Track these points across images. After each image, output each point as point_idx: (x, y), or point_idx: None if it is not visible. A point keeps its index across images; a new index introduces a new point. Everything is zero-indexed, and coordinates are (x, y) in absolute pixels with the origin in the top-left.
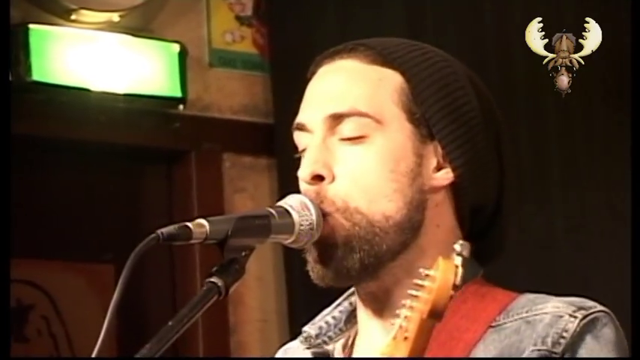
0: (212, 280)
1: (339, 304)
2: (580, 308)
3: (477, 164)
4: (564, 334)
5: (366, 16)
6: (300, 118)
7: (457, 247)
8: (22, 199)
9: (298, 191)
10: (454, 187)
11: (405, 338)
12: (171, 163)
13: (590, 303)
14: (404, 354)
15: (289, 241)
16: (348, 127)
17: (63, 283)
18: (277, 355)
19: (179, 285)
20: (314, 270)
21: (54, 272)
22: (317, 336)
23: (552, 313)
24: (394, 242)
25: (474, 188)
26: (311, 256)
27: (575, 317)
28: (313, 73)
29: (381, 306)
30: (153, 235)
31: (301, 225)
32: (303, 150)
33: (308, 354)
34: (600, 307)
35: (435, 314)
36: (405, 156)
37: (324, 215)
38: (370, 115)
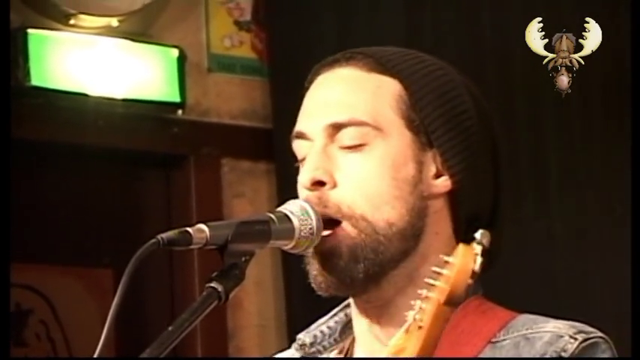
0: (212, 285)
1: (334, 315)
2: (581, 331)
3: (474, 172)
4: (563, 354)
5: (365, 21)
6: (300, 127)
7: (478, 235)
8: (20, 204)
9: (297, 196)
10: (452, 195)
11: (420, 327)
12: (169, 168)
13: (590, 328)
14: (418, 343)
15: (289, 246)
16: (347, 136)
17: (62, 288)
18: None
19: (178, 290)
20: (316, 280)
21: (53, 277)
22: (311, 344)
23: (553, 332)
24: (397, 250)
25: (471, 196)
26: (313, 267)
27: (576, 339)
28: (311, 82)
29: (382, 315)
30: (153, 240)
31: (301, 230)
32: (303, 159)
33: None
34: (600, 334)
35: (453, 300)
36: (405, 163)
37: (330, 223)
38: (369, 123)
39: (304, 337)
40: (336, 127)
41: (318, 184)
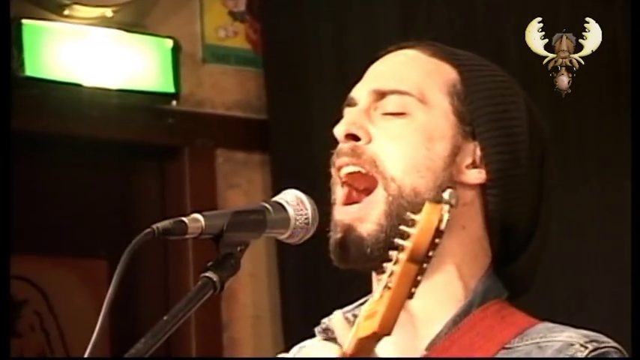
0: (207, 274)
1: (361, 304)
2: (593, 340)
3: (512, 175)
4: None
5: (360, 11)
6: (351, 94)
7: (445, 195)
8: (14, 195)
9: (291, 187)
10: (485, 192)
11: (388, 288)
12: (164, 159)
13: (604, 338)
14: (385, 304)
15: (284, 236)
16: (390, 103)
17: (56, 279)
18: (292, 351)
19: (172, 280)
20: (335, 252)
21: (47, 268)
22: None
23: (564, 340)
24: None
25: (506, 200)
26: (334, 236)
27: (586, 347)
28: (377, 59)
29: None
30: (148, 230)
31: (297, 220)
32: None
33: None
34: (613, 344)
35: (416, 257)
36: (442, 140)
37: (365, 188)
38: (413, 94)
39: (328, 321)
40: (380, 94)
41: (352, 137)
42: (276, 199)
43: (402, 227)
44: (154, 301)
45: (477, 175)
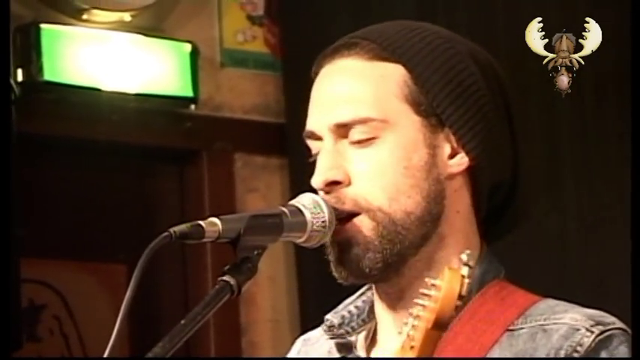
0: (224, 278)
1: (362, 294)
2: (598, 323)
3: (491, 144)
4: (578, 349)
5: (379, 15)
6: (309, 126)
7: (464, 257)
8: (33, 199)
9: (310, 190)
10: (471, 171)
11: (412, 347)
12: (182, 163)
13: (609, 319)
14: None
15: (301, 239)
16: (356, 132)
17: (75, 283)
18: (296, 345)
19: (191, 284)
20: (336, 270)
21: (66, 272)
22: (340, 325)
23: (569, 324)
24: (416, 237)
25: (492, 168)
26: (332, 257)
27: (592, 332)
28: (316, 74)
29: (398, 300)
30: (165, 234)
31: (314, 224)
32: (317, 153)
33: (331, 344)
34: (619, 324)
35: (440, 325)
36: (416, 150)
37: (349, 216)
38: (374, 118)
39: (332, 317)
40: (342, 126)
41: (333, 183)
42: (292, 202)
43: (422, 290)
44: (173, 305)
45: (461, 161)
